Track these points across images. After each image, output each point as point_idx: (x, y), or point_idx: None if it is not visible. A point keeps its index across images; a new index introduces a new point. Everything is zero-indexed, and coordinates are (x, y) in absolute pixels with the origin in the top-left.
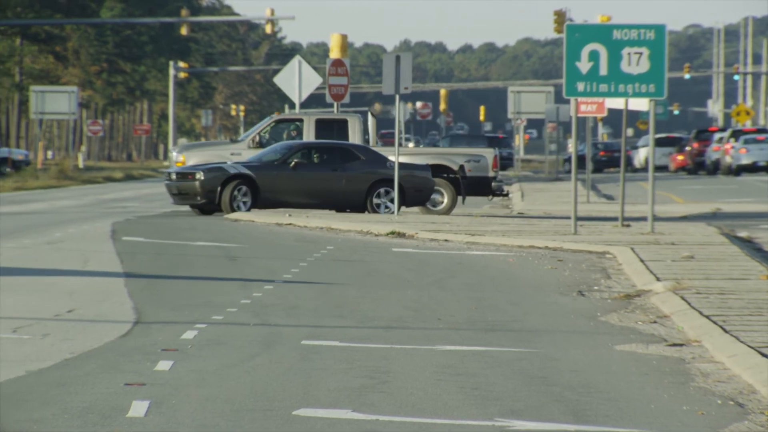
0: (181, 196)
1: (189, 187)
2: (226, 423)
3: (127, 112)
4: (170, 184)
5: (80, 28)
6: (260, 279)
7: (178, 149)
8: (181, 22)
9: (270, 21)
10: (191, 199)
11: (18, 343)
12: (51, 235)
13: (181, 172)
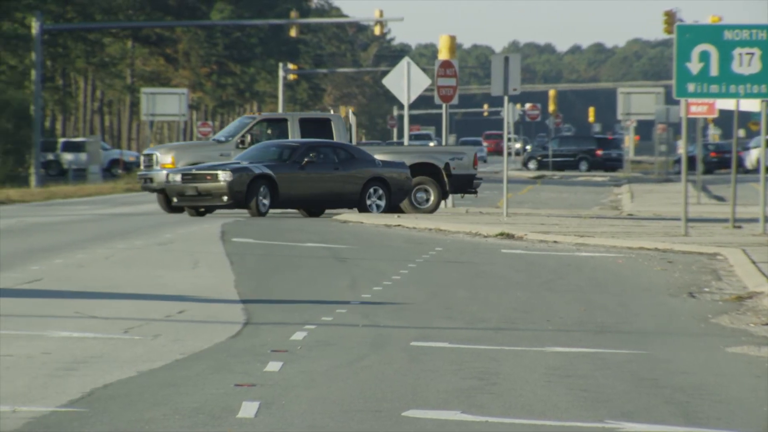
0: (200, 197)
1: (212, 188)
2: (335, 424)
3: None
4: (177, 185)
5: (190, 30)
6: (369, 280)
7: (162, 150)
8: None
9: (379, 22)
10: (214, 200)
11: (129, 344)
12: (161, 237)
13: (196, 172)
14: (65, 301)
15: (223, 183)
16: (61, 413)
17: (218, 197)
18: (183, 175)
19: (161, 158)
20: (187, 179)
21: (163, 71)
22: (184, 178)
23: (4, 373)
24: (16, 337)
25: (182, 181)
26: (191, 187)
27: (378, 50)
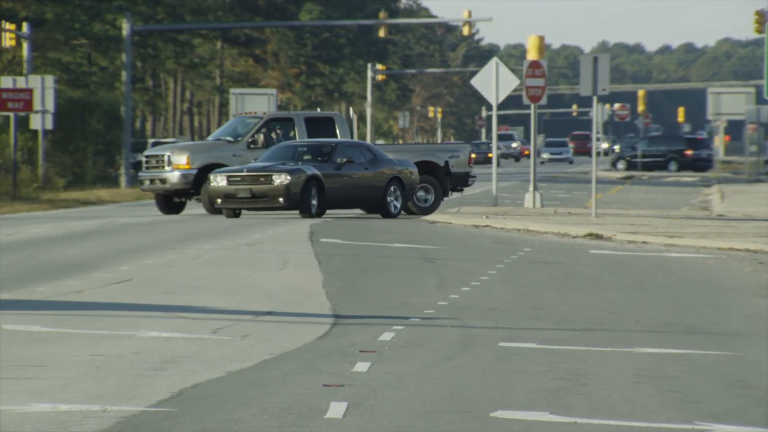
0: (254, 199)
1: (268, 190)
2: (423, 424)
3: None
4: (222, 187)
5: (279, 31)
6: (457, 280)
7: (176, 151)
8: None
9: (467, 23)
10: (270, 202)
11: (218, 344)
12: (250, 237)
13: (247, 174)
14: (155, 301)
15: (279, 185)
16: (151, 413)
17: (274, 199)
18: (229, 177)
19: (175, 159)
20: (236, 181)
21: (252, 72)
22: (231, 180)
23: (95, 372)
24: (106, 337)
25: (229, 183)
26: (244, 189)
27: (466, 50)
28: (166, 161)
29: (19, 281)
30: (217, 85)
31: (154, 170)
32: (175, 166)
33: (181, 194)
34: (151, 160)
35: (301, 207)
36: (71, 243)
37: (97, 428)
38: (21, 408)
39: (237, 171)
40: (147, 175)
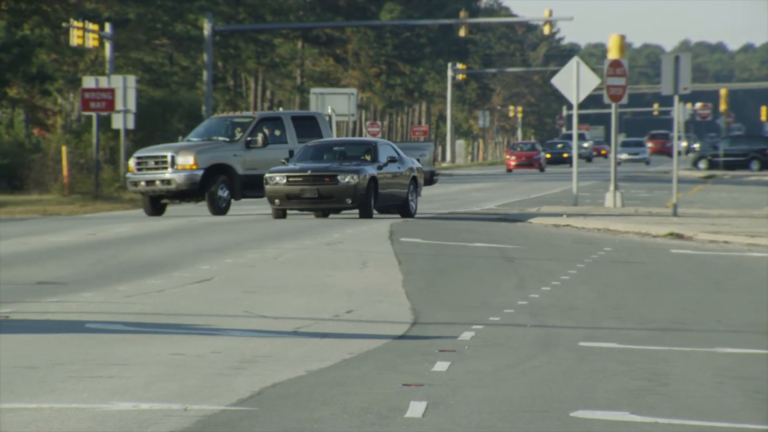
0: (320, 200)
1: (335, 190)
2: (503, 424)
3: (405, 113)
4: (282, 187)
5: (360, 31)
6: (537, 280)
7: (182, 152)
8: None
9: (548, 22)
10: (336, 203)
11: (298, 344)
12: (330, 236)
13: (312, 174)
14: (235, 300)
15: (346, 185)
16: (231, 412)
17: (342, 199)
18: (289, 177)
19: (182, 160)
20: (298, 181)
21: (333, 71)
22: (292, 180)
23: (176, 371)
24: (187, 336)
25: (289, 183)
26: (311, 189)
27: (547, 50)
28: (170, 162)
29: (101, 280)
30: (298, 84)
31: (154, 171)
32: (181, 166)
33: (185, 195)
34: (147, 161)
35: (364, 207)
36: (152, 242)
37: (178, 427)
38: (103, 406)
39: (293, 171)
40: (142, 177)
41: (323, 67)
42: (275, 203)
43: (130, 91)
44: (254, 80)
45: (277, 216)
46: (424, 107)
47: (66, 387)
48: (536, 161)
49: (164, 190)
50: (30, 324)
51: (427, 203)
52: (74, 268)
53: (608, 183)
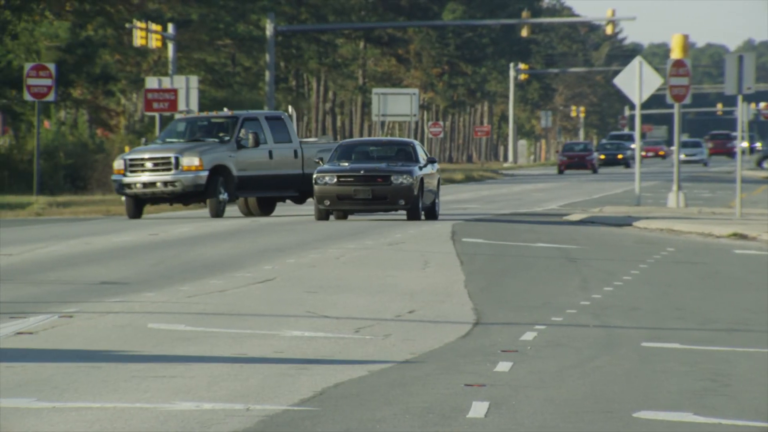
0: (373, 201)
1: (389, 191)
2: (565, 424)
3: (467, 113)
4: (332, 187)
5: (422, 31)
6: (600, 280)
7: (181, 152)
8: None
9: (611, 22)
10: (388, 205)
11: (360, 344)
12: (392, 237)
13: (364, 174)
14: (297, 300)
15: (400, 186)
16: (293, 412)
17: (395, 201)
18: (340, 177)
19: (187, 161)
20: (349, 182)
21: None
22: (343, 181)
23: (238, 371)
24: (249, 336)
25: (339, 183)
26: (364, 190)
27: (610, 50)
28: (174, 163)
29: (163, 280)
30: (360, 85)
31: (153, 173)
32: (186, 167)
33: (189, 197)
34: (144, 163)
35: (414, 209)
36: (214, 242)
37: (240, 427)
38: (166, 406)
39: (344, 171)
40: (137, 179)
41: (385, 68)
42: (324, 204)
43: (193, 91)
44: (316, 81)
45: (320, 217)
46: (486, 107)
47: (129, 386)
48: (589, 162)
49: (167, 192)
50: (93, 324)
51: (488, 203)
52: (137, 268)
53: (671, 183)
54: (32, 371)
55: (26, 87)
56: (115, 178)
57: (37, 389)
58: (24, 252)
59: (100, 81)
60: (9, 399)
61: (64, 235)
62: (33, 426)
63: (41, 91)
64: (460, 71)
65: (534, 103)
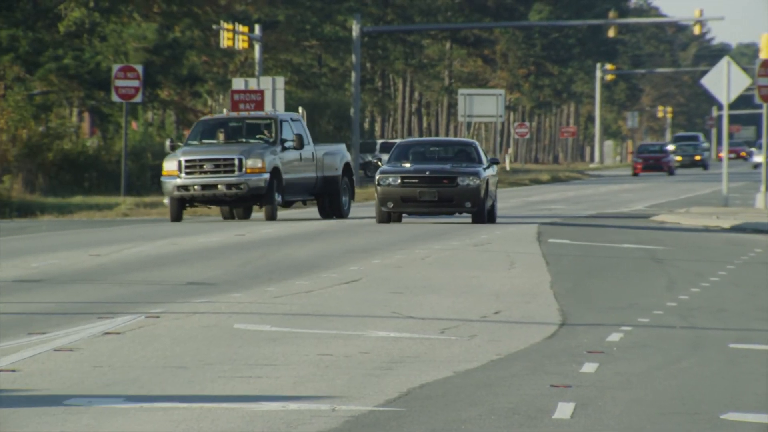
0: (439, 203)
1: (455, 193)
2: (652, 426)
3: (553, 114)
4: (396, 188)
5: (508, 32)
6: (686, 281)
7: (243, 154)
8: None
9: (698, 22)
10: (453, 207)
11: (446, 344)
12: (477, 237)
13: (430, 176)
14: (383, 301)
15: (466, 187)
16: (379, 412)
17: (461, 204)
18: (404, 177)
19: (252, 163)
20: (414, 183)
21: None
22: (407, 182)
23: (324, 372)
24: (335, 337)
25: (403, 184)
26: (430, 192)
27: (697, 50)
28: (237, 165)
29: (249, 281)
30: (446, 85)
31: (213, 175)
32: (251, 169)
33: (253, 200)
34: (203, 165)
35: (480, 212)
36: (300, 243)
37: (326, 427)
38: (252, 406)
39: (408, 172)
40: (195, 180)
41: (471, 68)
42: (388, 206)
43: (279, 92)
44: (402, 81)
45: (382, 220)
46: (573, 108)
47: (215, 387)
48: (665, 164)
49: (229, 195)
50: (179, 324)
51: (574, 204)
52: (223, 269)
53: (759, 184)
54: (119, 371)
55: (114, 88)
56: (167, 180)
57: (124, 389)
58: (112, 252)
59: (187, 82)
60: (97, 399)
61: (151, 235)
62: (121, 426)
63: (129, 93)
64: (546, 72)
65: (620, 103)
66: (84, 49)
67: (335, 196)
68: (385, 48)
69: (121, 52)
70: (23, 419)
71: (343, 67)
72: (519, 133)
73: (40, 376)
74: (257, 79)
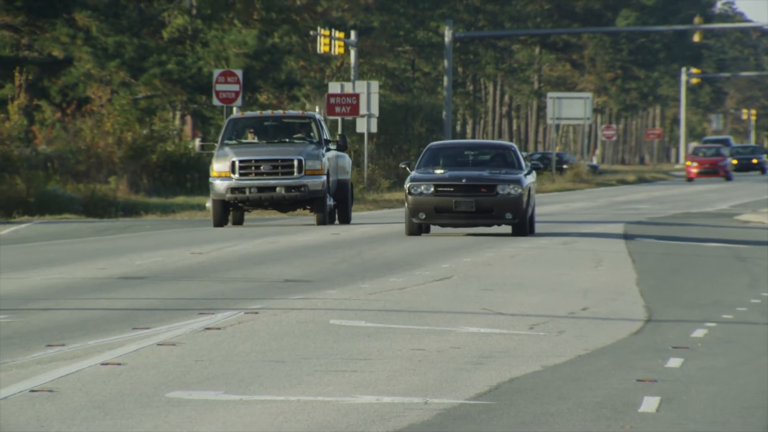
0: (478, 214)
1: (495, 203)
2: (736, 420)
3: (639, 116)
4: (430, 198)
5: (596, 37)
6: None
7: (302, 155)
8: (693, 29)
9: None
10: (495, 218)
11: (534, 340)
12: (565, 236)
13: (467, 184)
14: (473, 297)
15: (507, 197)
16: (469, 406)
17: (501, 214)
18: (437, 185)
19: (311, 164)
20: (449, 192)
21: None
22: (442, 191)
23: (416, 366)
24: (427, 332)
25: (437, 193)
26: (467, 202)
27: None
28: (297, 166)
29: (345, 278)
30: (535, 89)
31: (271, 177)
32: (310, 171)
33: (311, 202)
34: (260, 165)
35: (522, 223)
36: (393, 242)
37: (418, 420)
38: (347, 399)
39: (443, 179)
40: (252, 182)
41: (560, 72)
42: (420, 217)
43: (374, 96)
44: (493, 85)
45: (411, 232)
46: (658, 110)
47: (312, 380)
48: (721, 168)
49: (288, 198)
50: (277, 320)
51: (659, 203)
52: (319, 267)
53: None
54: (220, 365)
55: (215, 92)
56: (218, 181)
57: (224, 382)
58: (212, 251)
59: (285, 86)
60: (198, 392)
61: (250, 234)
62: (221, 418)
63: (229, 97)
64: (632, 75)
65: (705, 106)
66: (186, 54)
67: (344, 201)
68: (476, 53)
69: (222, 57)
70: (128, 410)
71: (435, 71)
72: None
73: (144, 369)
74: (353, 83)
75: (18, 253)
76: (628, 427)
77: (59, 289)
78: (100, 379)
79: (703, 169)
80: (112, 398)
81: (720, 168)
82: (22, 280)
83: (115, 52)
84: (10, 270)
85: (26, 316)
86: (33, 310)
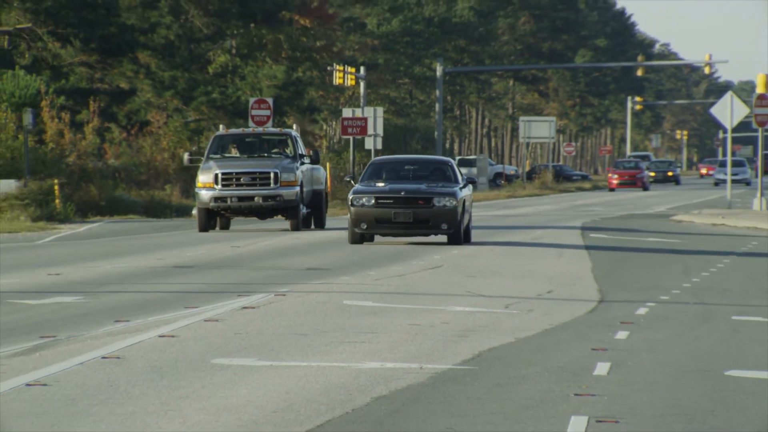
0: (416, 225)
1: (431, 214)
2: (672, 381)
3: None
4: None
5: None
6: (699, 267)
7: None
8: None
9: (707, 64)
10: (431, 229)
11: (509, 317)
12: (534, 233)
13: (405, 197)
14: (459, 282)
15: (442, 209)
16: (457, 370)
17: (438, 225)
18: (378, 198)
19: (286, 176)
20: (388, 204)
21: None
22: (381, 203)
23: (413, 338)
24: (422, 311)
25: (378, 205)
26: (405, 213)
27: (707, 86)
28: (273, 178)
29: (356, 267)
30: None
31: (249, 188)
32: (285, 183)
33: (285, 211)
34: (239, 177)
35: (456, 233)
36: (396, 238)
37: (415, 381)
38: (357, 365)
39: (383, 192)
40: (232, 193)
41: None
42: (361, 227)
43: (379, 119)
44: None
45: (354, 241)
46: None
47: (329, 350)
48: (639, 179)
49: (265, 207)
50: (300, 301)
51: (610, 206)
52: (335, 258)
53: (755, 191)
54: (254, 337)
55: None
56: (203, 191)
57: (258, 351)
58: (248, 245)
59: (307, 112)
60: (237, 359)
61: (277, 231)
62: (256, 379)
63: (262, 120)
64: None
65: (647, 127)
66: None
67: (319, 209)
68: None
69: (256, 88)
70: (180, 374)
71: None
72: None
73: (193, 340)
74: (362, 108)
75: (92, 247)
76: (585, 386)
77: (125, 276)
78: (158, 348)
79: (622, 180)
80: (168, 364)
81: (638, 179)
82: (95, 268)
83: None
84: (85, 260)
85: (98, 297)
86: (103, 293)
